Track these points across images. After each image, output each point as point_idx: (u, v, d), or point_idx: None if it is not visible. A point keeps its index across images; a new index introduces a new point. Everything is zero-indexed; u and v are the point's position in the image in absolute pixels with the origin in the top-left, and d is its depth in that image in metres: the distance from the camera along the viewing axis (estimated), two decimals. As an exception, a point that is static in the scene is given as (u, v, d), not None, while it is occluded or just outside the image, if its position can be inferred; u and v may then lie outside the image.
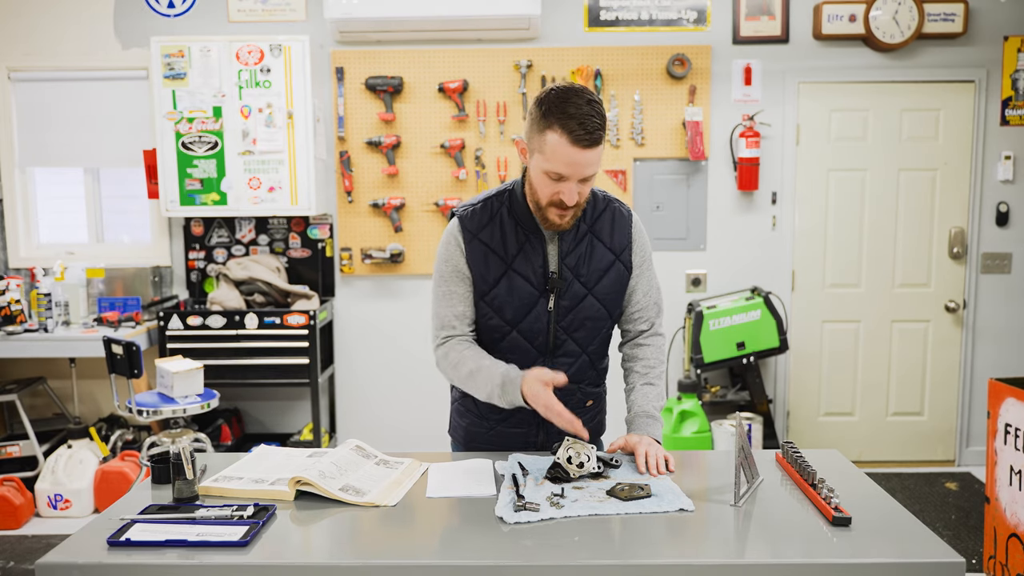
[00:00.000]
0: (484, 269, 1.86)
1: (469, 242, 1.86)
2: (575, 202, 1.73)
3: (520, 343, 1.89)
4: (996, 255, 4.40)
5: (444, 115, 4.28)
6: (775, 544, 1.43)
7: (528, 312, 1.86)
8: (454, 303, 1.88)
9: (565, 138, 1.65)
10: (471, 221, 1.87)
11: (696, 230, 4.39)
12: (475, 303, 1.89)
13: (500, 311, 1.87)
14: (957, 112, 4.33)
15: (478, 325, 1.92)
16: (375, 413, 4.51)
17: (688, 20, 4.26)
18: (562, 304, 1.87)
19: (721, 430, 4.07)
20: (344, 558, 1.40)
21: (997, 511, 2.89)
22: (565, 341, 1.90)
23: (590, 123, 1.64)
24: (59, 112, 4.36)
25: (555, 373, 1.76)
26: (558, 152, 1.67)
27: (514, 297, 1.85)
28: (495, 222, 1.86)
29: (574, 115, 1.64)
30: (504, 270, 1.85)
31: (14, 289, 3.97)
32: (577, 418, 1.72)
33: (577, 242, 1.86)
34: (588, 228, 1.87)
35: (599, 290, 1.88)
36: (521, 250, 1.85)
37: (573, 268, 1.86)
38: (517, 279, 1.85)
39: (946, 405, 4.52)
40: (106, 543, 1.41)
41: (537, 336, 1.88)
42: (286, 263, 4.38)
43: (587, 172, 1.70)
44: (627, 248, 1.90)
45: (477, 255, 1.86)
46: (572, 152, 1.66)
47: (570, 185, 1.71)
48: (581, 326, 1.89)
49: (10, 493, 3.73)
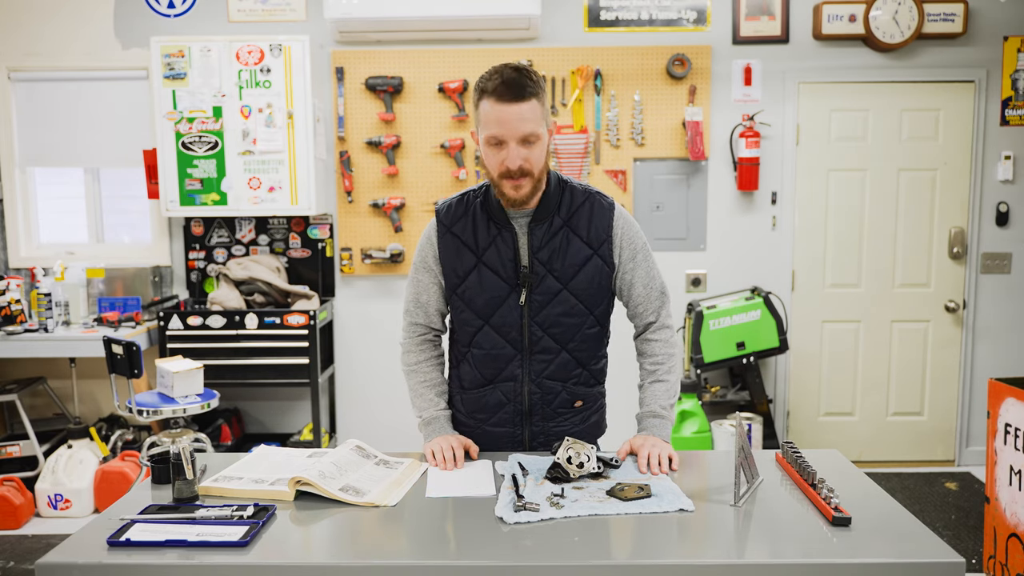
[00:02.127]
0: (456, 262, 1.89)
1: (442, 235, 1.90)
2: (519, 166, 1.74)
3: (494, 338, 1.90)
4: (996, 255, 4.40)
5: (444, 115, 4.28)
6: (775, 544, 1.43)
7: (499, 306, 1.87)
8: (418, 292, 1.98)
9: (491, 99, 1.72)
10: (447, 215, 1.91)
11: (696, 230, 4.39)
12: (448, 297, 1.95)
13: (471, 304, 1.89)
14: (957, 112, 4.33)
15: (453, 319, 1.97)
16: (375, 413, 4.50)
17: (688, 20, 4.26)
18: (535, 299, 1.86)
19: (721, 430, 4.07)
20: (344, 558, 1.40)
21: (997, 511, 2.89)
22: (541, 338, 1.89)
23: (512, 80, 1.71)
24: (59, 112, 4.36)
25: (471, 447, 1.88)
26: (489, 115, 1.73)
27: (484, 290, 1.87)
28: (468, 215, 1.89)
29: (496, 77, 1.72)
30: (475, 263, 1.87)
31: (14, 289, 3.97)
32: (453, 460, 1.83)
33: (551, 236, 1.85)
34: (564, 222, 1.86)
35: (575, 285, 1.87)
36: (492, 243, 1.86)
37: (546, 262, 1.85)
38: (487, 272, 1.86)
39: (946, 405, 4.52)
40: (106, 543, 1.42)
41: (510, 331, 1.88)
42: (286, 263, 4.38)
43: (522, 129, 1.72)
44: (606, 242, 1.87)
45: (449, 248, 1.89)
46: (499, 109, 1.71)
47: (510, 147, 1.73)
48: (556, 323, 1.88)
49: (10, 493, 3.73)
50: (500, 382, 1.93)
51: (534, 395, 1.92)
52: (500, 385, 1.93)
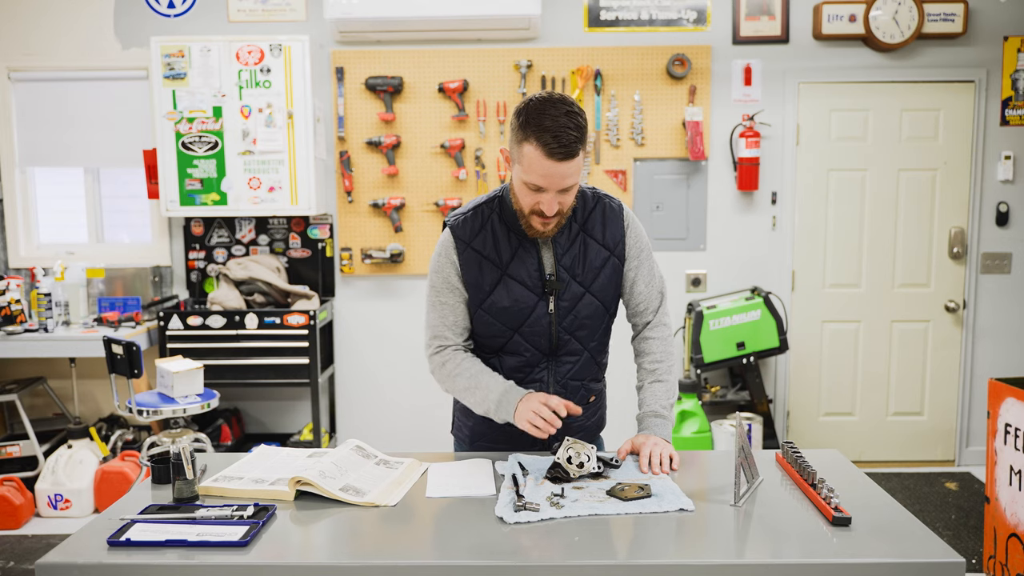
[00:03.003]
0: (480, 277, 1.86)
1: (463, 252, 1.86)
2: (555, 212, 1.74)
3: (523, 346, 1.90)
4: (996, 255, 4.40)
5: (444, 115, 4.28)
6: (775, 544, 1.43)
7: (528, 316, 1.87)
8: (444, 314, 1.90)
9: (541, 151, 1.65)
10: (463, 230, 1.87)
11: (696, 230, 4.39)
12: (473, 312, 1.89)
13: (499, 317, 1.87)
14: (957, 112, 4.33)
15: (479, 331, 1.92)
16: (375, 413, 4.51)
17: (688, 20, 4.26)
18: (562, 305, 1.87)
19: (721, 430, 4.07)
20: (344, 558, 1.40)
21: (997, 511, 2.89)
22: (568, 341, 1.91)
23: (565, 136, 1.63)
24: (59, 112, 4.36)
25: (564, 402, 1.78)
26: (534, 164, 1.67)
27: (512, 303, 1.86)
28: (487, 229, 1.86)
29: (549, 128, 1.63)
30: (499, 277, 1.85)
31: (14, 289, 3.97)
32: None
33: (571, 243, 1.87)
34: (580, 228, 1.88)
35: (596, 287, 1.89)
36: (515, 255, 1.85)
37: (569, 269, 1.86)
38: (513, 284, 1.85)
39: (946, 405, 4.52)
40: (106, 543, 1.42)
41: (539, 338, 1.89)
42: (286, 263, 4.38)
43: (564, 184, 1.70)
44: (621, 242, 1.90)
45: (471, 264, 1.86)
46: (548, 165, 1.66)
47: (549, 196, 1.71)
48: (582, 325, 1.90)
49: (10, 493, 3.73)
50: (526, 384, 1.92)
51: (559, 395, 1.91)
52: (526, 388, 1.91)
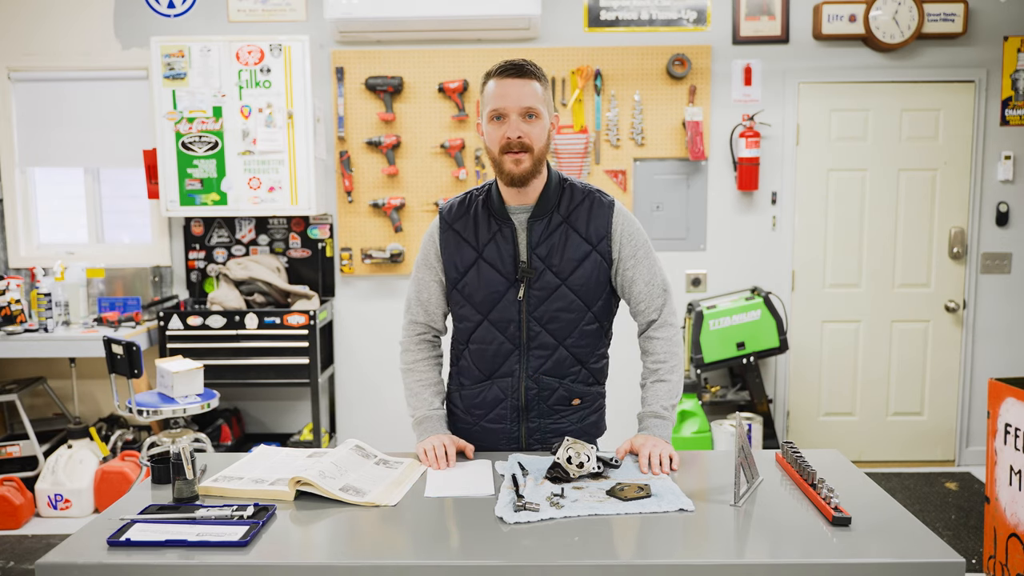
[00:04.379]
0: (457, 258, 1.93)
1: (444, 232, 1.95)
2: (518, 137, 1.80)
3: (492, 333, 1.92)
4: (996, 255, 4.40)
5: (444, 115, 4.28)
6: (775, 544, 1.44)
7: (498, 301, 1.90)
8: (420, 290, 2.01)
9: (495, 78, 1.83)
10: (449, 213, 1.96)
11: (696, 230, 4.39)
12: (448, 292, 1.97)
13: (470, 299, 1.92)
14: (957, 112, 4.33)
15: (454, 314, 2.00)
16: (375, 413, 4.50)
17: (688, 20, 4.26)
18: (534, 294, 1.89)
19: (721, 430, 4.07)
20: (344, 558, 1.40)
21: (997, 511, 2.89)
22: (539, 333, 1.91)
23: (515, 62, 1.83)
24: (59, 112, 4.36)
25: (465, 447, 1.89)
26: (493, 92, 1.83)
27: (483, 285, 1.90)
28: (469, 213, 1.94)
29: (501, 63, 1.85)
30: (475, 258, 1.91)
31: (14, 289, 3.97)
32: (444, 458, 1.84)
33: (550, 232, 1.88)
34: (563, 218, 1.90)
35: (573, 281, 1.89)
36: (492, 239, 1.90)
37: (545, 258, 1.88)
38: (486, 267, 1.90)
39: (946, 405, 4.52)
40: (106, 543, 1.42)
41: (508, 326, 1.91)
42: (286, 263, 4.38)
43: (523, 102, 1.80)
44: (606, 238, 1.90)
45: (450, 244, 1.93)
46: (502, 84, 1.81)
47: (511, 120, 1.80)
48: (554, 318, 1.90)
49: (10, 493, 3.73)
50: (498, 378, 1.95)
51: (531, 391, 1.93)
52: (498, 381, 1.95)
